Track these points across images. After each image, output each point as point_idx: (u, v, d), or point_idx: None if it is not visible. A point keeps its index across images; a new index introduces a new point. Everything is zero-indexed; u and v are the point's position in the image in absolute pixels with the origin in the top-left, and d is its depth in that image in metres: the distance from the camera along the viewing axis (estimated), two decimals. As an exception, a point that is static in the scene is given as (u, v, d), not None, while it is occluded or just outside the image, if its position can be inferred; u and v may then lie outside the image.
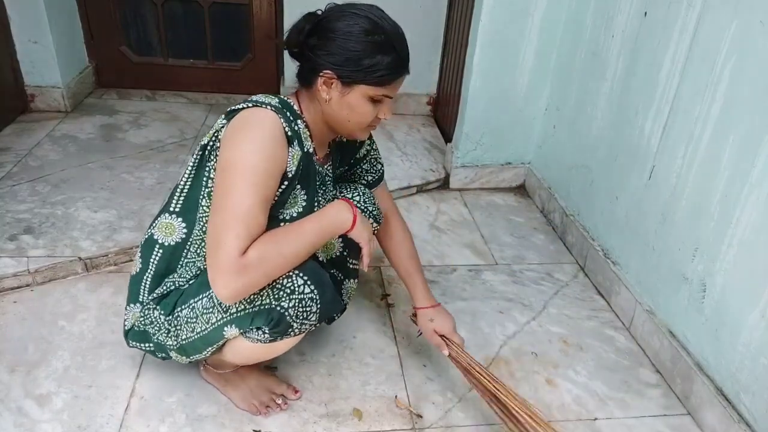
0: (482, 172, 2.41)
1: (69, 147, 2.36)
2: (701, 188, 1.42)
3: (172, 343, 1.22)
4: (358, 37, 1.07)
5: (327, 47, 1.09)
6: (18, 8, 2.43)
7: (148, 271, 1.24)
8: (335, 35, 1.08)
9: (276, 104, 1.11)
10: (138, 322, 1.26)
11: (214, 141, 1.12)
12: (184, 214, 1.20)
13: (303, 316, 1.12)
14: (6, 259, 1.67)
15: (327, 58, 1.09)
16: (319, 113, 1.17)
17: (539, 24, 2.13)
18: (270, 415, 1.32)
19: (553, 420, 1.38)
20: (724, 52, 1.34)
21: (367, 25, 1.08)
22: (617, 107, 1.79)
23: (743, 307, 1.29)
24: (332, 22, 1.09)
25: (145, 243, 1.25)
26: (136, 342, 1.29)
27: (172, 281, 1.23)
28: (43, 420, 1.27)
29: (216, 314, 1.14)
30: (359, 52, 1.08)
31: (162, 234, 1.22)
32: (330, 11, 1.12)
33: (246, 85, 3.03)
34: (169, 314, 1.20)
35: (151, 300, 1.24)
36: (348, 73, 1.09)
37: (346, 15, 1.09)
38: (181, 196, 1.19)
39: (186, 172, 1.19)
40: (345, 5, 1.12)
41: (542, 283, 1.88)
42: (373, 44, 1.08)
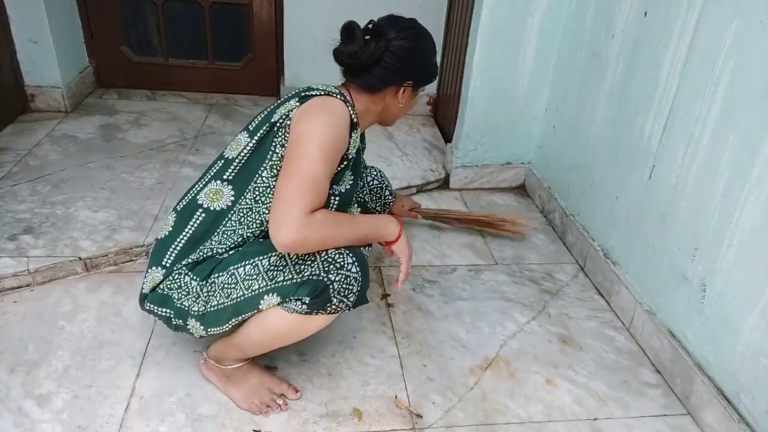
0: (482, 172, 2.41)
1: (69, 147, 2.36)
2: (701, 188, 1.42)
3: (199, 308, 1.22)
4: (432, 51, 1.37)
5: (408, 63, 1.29)
6: (18, 8, 2.43)
7: (182, 235, 1.26)
8: (416, 54, 1.31)
9: (339, 94, 1.25)
10: (163, 285, 1.26)
11: (284, 119, 1.21)
12: (236, 183, 1.25)
13: (344, 293, 1.17)
14: (6, 259, 1.67)
15: (409, 73, 1.31)
16: (367, 106, 1.34)
17: (539, 24, 2.13)
18: (270, 415, 1.32)
19: (553, 420, 1.38)
20: (724, 52, 1.34)
21: (432, 39, 1.36)
22: (617, 107, 1.79)
23: (743, 307, 1.29)
24: (409, 41, 1.29)
25: (185, 207, 1.29)
26: (154, 305, 1.28)
27: (209, 248, 1.26)
28: (43, 420, 1.27)
29: (260, 281, 1.17)
30: (431, 64, 1.38)
31: (209, 199, 1.26)
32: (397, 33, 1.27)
33: (246, 85, 3.03)
34: (203, 280, 1.22)
35: (184, 266, 1.25)
36: (424, 80, 1.37)
37: (419, 36, 1.32)
38: (237, 166, 1.25)
39: (243, 145, 1.25)
40: (404, 25, 1.30)
41: (542, 283, 1.88)
42: (433, 50, 1.38)
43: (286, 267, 1.17)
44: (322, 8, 2.74)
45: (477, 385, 1.46)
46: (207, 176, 1.30)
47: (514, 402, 1.42)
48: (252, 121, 1.30)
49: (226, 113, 2.85)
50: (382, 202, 1.75)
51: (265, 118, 1.27)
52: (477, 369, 1.51)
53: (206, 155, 2.40)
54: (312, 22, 2.76)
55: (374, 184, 1.73)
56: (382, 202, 1.75)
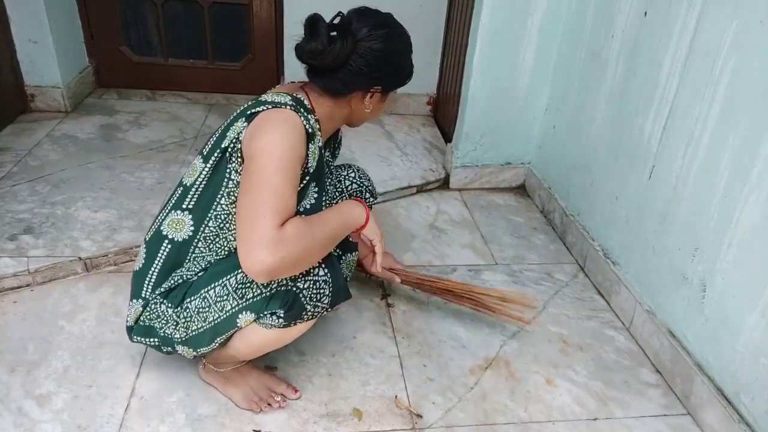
0: (482, 172, 2.41)
1: (69, 147, 2.36)
2: (701, 188, 1.42)
3: (181, 335, 1.22)
4: (407, 52, 1.24)
5: (377, 67, 1.18)
6: (18, 8, 2.42)
7: (153, 266, 1.24)
8: (388, 57, 1.18)
9: (292, 103, 1.14)
10: (143, 317, 1.26)
11: (235, 143, 1.14)
12: (195, 212, 1.21)
13: (317, 298, 1.15)
14: (6, 259, 1.67)
15: (378, 78, 1.20)
16: (331, 111, 1.24)
17: (539, 24, 2.13)
18: (270, 413, 1.32)
19: (553, 420, 1.38)
20: (724, 52, 1.34)
21: (406, 42, 1.24)
22: (617, 107, 1.79)
23: (743, 307, 1.29)
24: (381, 43, 1.16)
25: (151, 239, 1.25)
26: (140, 337, 1.28)
27: (179, 275, 1.23)
28: (43, 420, 1.27)
29: (231, 301, 1.15)
30: (404, 67, 1.25)
31: (172, 230, 1.22)
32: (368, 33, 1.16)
33: (246, 85, 3.03)
34: (178, 306, 1.21)
35: (158, 295, 1.24)
36: (394, 84, 1.26)
37: (391, 35, 1.18)
38: (195, 195, 1.20)
39: (198, 171, 1.20)
40: (375, 24, 1.17)
41: (542, 283, 1.88)
42: (410, 55, 1.25)
43: (254, 282, 1.14)
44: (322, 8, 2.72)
45: (477, 385, 1.46)
46: (169, 204, 1.25)
47: (514, 402, 1.42)
48: (206, 143, 1.23)
49: (226, 113, 2.84)
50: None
51: (217, 141, 1.19)
52: (477, 369, 1.51)
53: (206, 155, 2.39)
54: (312, 22, 2.76)
55: (353, 188, 1.57)
56: None
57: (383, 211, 2.19)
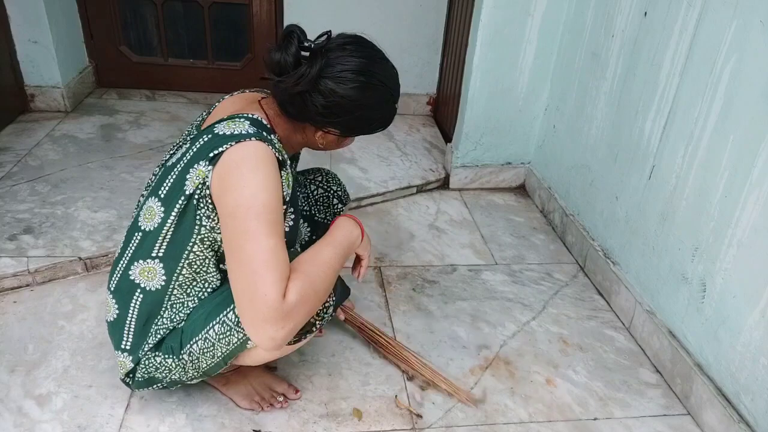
0: (482, 172, 2.41)
1: (69, 147, 2.36)
2: (701, 188, 1.42)
3: (193, 374, 1.19)
4: (382, 103, 1.11)
5: (335, 113, 1.07)
6: (18, 8, 2.42)
7: (129, 317, 1.16)
8: (350, 104, 1.06)
9: (254, 130, 1.04)
10: (140, 374, 1.21)
11: (201, 188, 1.04)
12: (165, 260, 1.12)
13: (323, 312, 1.14)
14: (6, 259, 1.67)
15: (334, 123, 1.10)
16: (287, 134, 1.15)
17: (539, 24, 2.13)
18: (270, 413, 1.32)
19: (553, 420, 1.38)
20: (724, 52, 1.34)
21: (386, 96, 1.11)
22: (617, 107, 1.79)
23: (743, 307, 1.29)
24: (349, 90, 1.05)
25: (119, 288, 1.16)
26: (144, 388, 1.25)
27: (163, 327, 1.17)
28: (43, 420, 1.27)
29: (235, 335, 1.11)
30: (373, 119, 1.13)
31: (144, 278, 1.13)
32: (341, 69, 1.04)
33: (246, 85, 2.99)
34: (178, 355, 1.16)
35: (148, 351, 1.19)
36: (356, 132, 1.15)
37: (365, 86, 1.06)
38: (162, 242, 1.10)
39: (160, 217, 1.09)
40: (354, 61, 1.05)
41: (542, 283, 1.88)
42: (390, 111, 1.14)
43: None
44: (321, 8, 2.74)
45: (477, 385, 1.46)
46: (129, 251, 1.14)
47: (514, 402, 1.42)
48: (159, 181, 1.11)
49: (226, 113, 2.84)
50: (332, 211, 1.50)
51: (175, 183, 1.07)
52: (477, 369, 1.51)
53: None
54: (312, 22, 2.75)
55: (318, 193, 1.48)
56: (331, 211, 1.50)
57: (383, 211, 2.19)
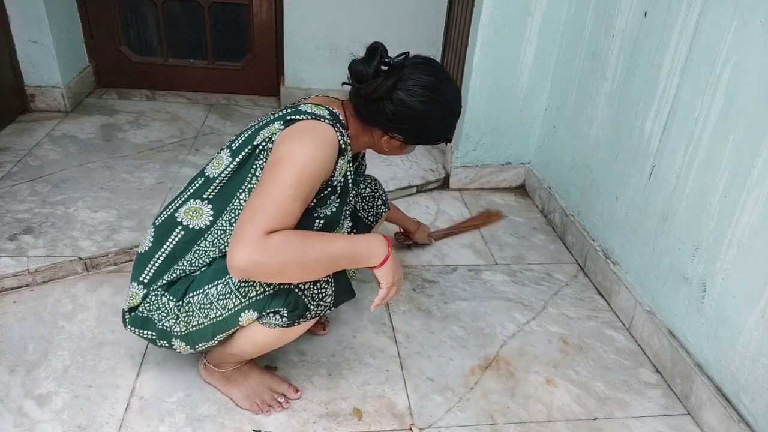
0: (482, 172, 2.41)
1: (69, 147, 2.36)
2: (701, 188, 1.42)
3: (180, 329, 1.21)
4: (445, 118, 1.25)
5: (403, 121, 1.20)
6: (18, 8, 2.42)
7: (161, 251, 1.23)
8: (418, 117, 1.20)
9: (330, 117, 1.17)
10: (142, 307, 1.24)
11: (267, 142, 1.15)
12: (216, 203, 1.21)
13: (319, 298, 1.16)
14: (6, 259, 1.67)
15: (400, 129, 1.22)
16: (358, 132, 1.27)
17: (539, 24, 2.13)
18: (271, 414, 1.32)
19: (553, 420, 1.38)
20: (724, 52, 1.34)
21: (444, 112, 1.23)
22: (617, 107, 1.79)
23: (743, 307, 1.29)
24: (416, 102, 1.18)
25: (163, 224, 1.25)
26: (136, 328, 1.27)
27: (181, 268, 1.23)
28: (43, 420, 1.27)
29: (233, 300, 1.15)
30: (433, 131, 1.26)
31: (188, 217, 1.22)
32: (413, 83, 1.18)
33: (246, 85, 3.03)
34: (179, 300, 1.20)
35: (159, 287, 1.23)
36: (417, 141, 1.27)
37: (431, 100, 1.19)
38: (218, 186, 1.20)
39: (225, 164, 1.20)
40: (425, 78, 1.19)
41: (542, 283, 1.88)
42: (448, 125, 1.28)
43: (257, 281, 1.14)
44: (322, 8, 2.74)
45: (477, 385, 1.46)
46: (187, 192, 1.25)
47: (514, 402, 1.42)
48: (236, 139, 1.24)
49: (226, 113, 2.85)
50: (375, 211, 1.62)
51: (248, 138, 1.20)
52: (477, 369, 1.51)
53: (206, 155, 2.40)
54: (312, 22, 2.76)
55: (366, 192, 1.60)
56: (374, 211, 1.62)
57: (383, 211, 2.19)
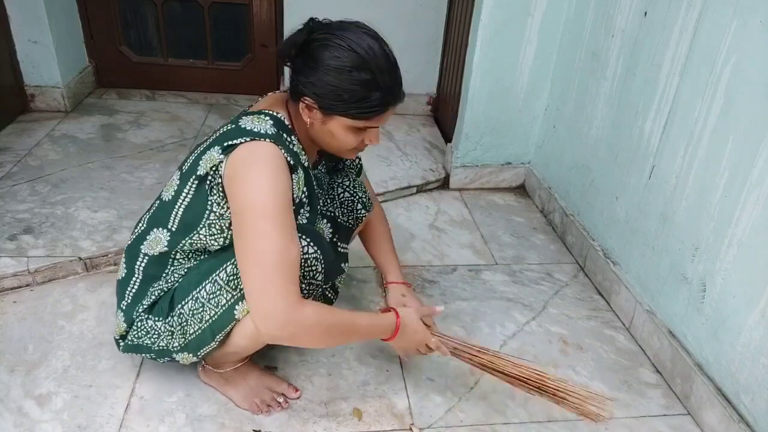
0: (482, 172, 2.41)
1: (69, 147, 2.36)
2: (701, 188, 1.42)
3: (179, 343, 1.21)
4: (340, 72, 1.04)
5: (309, 75, 1.07)
6: (18, 7, 2.42)
7: (134, 278, 1.25)
8: (317, 65, 1.05)
9: (272, 132, 1.10)
10: (130, 336, 1.25)
11: (214, 175, 1.10)
12: (175, 233, 1.19)
13: (310, 276, 1.16)
14: (6, 259, 1.67)
15: (308, 86, 1.08)
16: (304, 126, 1.17)
17: (539, 24, 2.13)
18: (271, 414, 1.32)
19: (553, 420, 1.38)
20: (724, 52, 1.34)
21: (350, 61, 1.04)
22: (617, 107, 1.79)
23: (743, 307, 1.29)
24: (318, 50, 1.05)
25: (129, 249, 1.26)
26: (133, 353, 1.29)
27: (159, 288, 1.23)
28: (43, 420, 1.27)
29: (225, 295, 1.15)
30: (339, 88, 1.05)
31: (148, 247, 1.22)
32: (320, 33, 1.07)
33: (246, 85, 3.03)
34: (167, 317, 1.20)
35: (142, 312, 1.23)
36: (328, 104, 1.08)
37: (331, 45, 1.04)
38: (176, 217, 1.18)
39: (174, 188, 1.18)
40: (335, 29, 1.07)
41: (542, 283, 1.87)
42: (357, 81, 1.04)
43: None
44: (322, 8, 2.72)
45: (477, 385, 1.46)
46: (147, 215, 1.26)
47: (514, 402, 1.42)
48: (186, 159, 1.20)
49: (226, 113, 2.85)
50: (354, 216, 1.49)
51: (193, 164, 1.15)
52: (477, 369, 1.51)
53: (206, 155, 2.40)
54: (312, 22, 2.76)
55: (345, 197, 1.47)
56: (354, 216, 1.49)
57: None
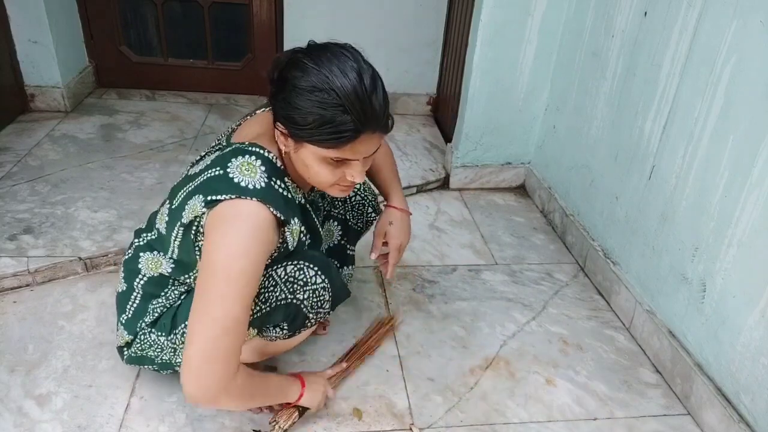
0: (482, 172, 2.41)
1: (69, 147, 2.36)
2: (701, 188, 1.42)
3: (182, 359, 1.20)
4: (305, 92, 0.94)
5: (278, 96, 0.99)
6: (18, 8, 2.42)
7: (134, 294, 1.22)
8: (284, 85, 0.97)
9: (261, 185, 1.01)
10: (134, 348, 1.24)
11: (197, 225, 1.05)
12: (176, 265, 1.17)
13: (318, 306, 1.15)
14: (6, 259, 1.67)
15: (278, 109, 1.00)
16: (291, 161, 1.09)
17: (539, 24, 2.13)
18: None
19: (553, 420, 1.38)
20: (724, 52, 1.34)
21: (317, 81, 0.94)
22: (617, 107, 1.79)
23: (743, 307, 1.29)
24: (289, 70, 0.97)
25: (129, 263, 1.23)
26: (136, 364, 1.28)
27: (161, 305, 1.21)
28: (43, 420, 1.27)
29: None
30: (303, 110, 0.95)
31: (147, 268, 1.20)
32: (301, 54, 0.98)
33: (246, 85, 3.03)
34: (170, 333, 1.18)
35: (145, 326, 1.22)
36: (294, 129, 0.98)
37: (301, 65, 0.96)
38: (173, 255, 1.15)
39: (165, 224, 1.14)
40: (315, 49, 0.99)
41: (542, 283, 1.88)
42: (321, 102, 0.93)
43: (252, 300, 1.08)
44: (322, 8, 2.74)
45: (477, 385, 1.46)
46: (148, 236, 1.21)
47: (514, 402, 1.42)
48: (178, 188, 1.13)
49: (226, 113, 2.85)
50: (364, 219, 1.49)
51: (182, 202, 1.08)
52: (477, 369, 1.51)
53: (206, 155, 2.40)
54: (312, 21, 2.76)
55: (356, 200, 1.46)
56: (364, 219, 1.49)
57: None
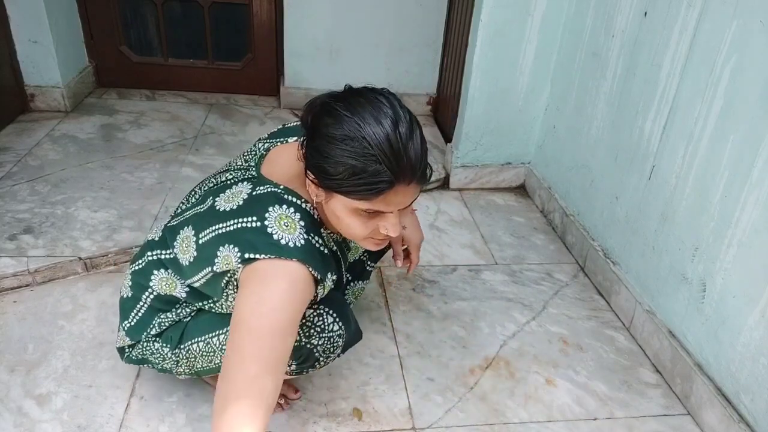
0: (482, 172, 2.41)
1: (69, 147, 2.36)
2: (701, 188, 1.42)
3: (184, 370, 1.20)
4: (335, 141, 0.91)
5: (309, 144, 0.96)
6: (18, 7, 2.42)
7: (140, 305, 1.20)
8: (315, 133, 0.94)
9: (301, 243, 0.98)
10: (136, 351, 1.23)
11: (231, 276, 1.03)
12: (190, 293, 1.14)
13: (330, 351, 1.15)
14: (6, 259, 1.67)
15: (309, 158, 0.97)
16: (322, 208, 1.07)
17: (539, 24, 2.13)
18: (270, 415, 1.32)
19: (553, 420, 1.38)
20: (724, 52, 1.34)
21: (348, 129, 0.90)
22: (617, 107, 1.79)
23: (743, 307, 1.29)
24: (321, 117, 0.94)
25: (139, 274, 1.19)
26: (133, 364, 1.27)
27: (169, 319, 1.19)
28: (43, 420, 1.27)
29: None
30: (332, 159, 0.91)
31: (160, 288, 1.16)
32: (335, 98, 0.95)
33: (246, 85, 3.03)
34: (175, 347, 1.18)
35: (151, 335, 1.20)
36: (324, 179, 0.94)
37: (333, 111, 0.92)
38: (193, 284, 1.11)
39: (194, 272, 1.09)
40: (351, 94, 0.96)
41: (542, 283, 1.88)
42: (351, 152, 0.90)
43: None
44: (322, 8, 2.73)
45: (477, 385, 1.46)
46: (165, 254, 1.15)
47: (514, 402, 1.42)
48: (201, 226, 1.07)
49: (226, 113, 2.85)
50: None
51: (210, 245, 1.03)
52: (477, 369, 1.51)
53: (206, 155, 2.40)
54: (312, 22, 2.76)
55: None
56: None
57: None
